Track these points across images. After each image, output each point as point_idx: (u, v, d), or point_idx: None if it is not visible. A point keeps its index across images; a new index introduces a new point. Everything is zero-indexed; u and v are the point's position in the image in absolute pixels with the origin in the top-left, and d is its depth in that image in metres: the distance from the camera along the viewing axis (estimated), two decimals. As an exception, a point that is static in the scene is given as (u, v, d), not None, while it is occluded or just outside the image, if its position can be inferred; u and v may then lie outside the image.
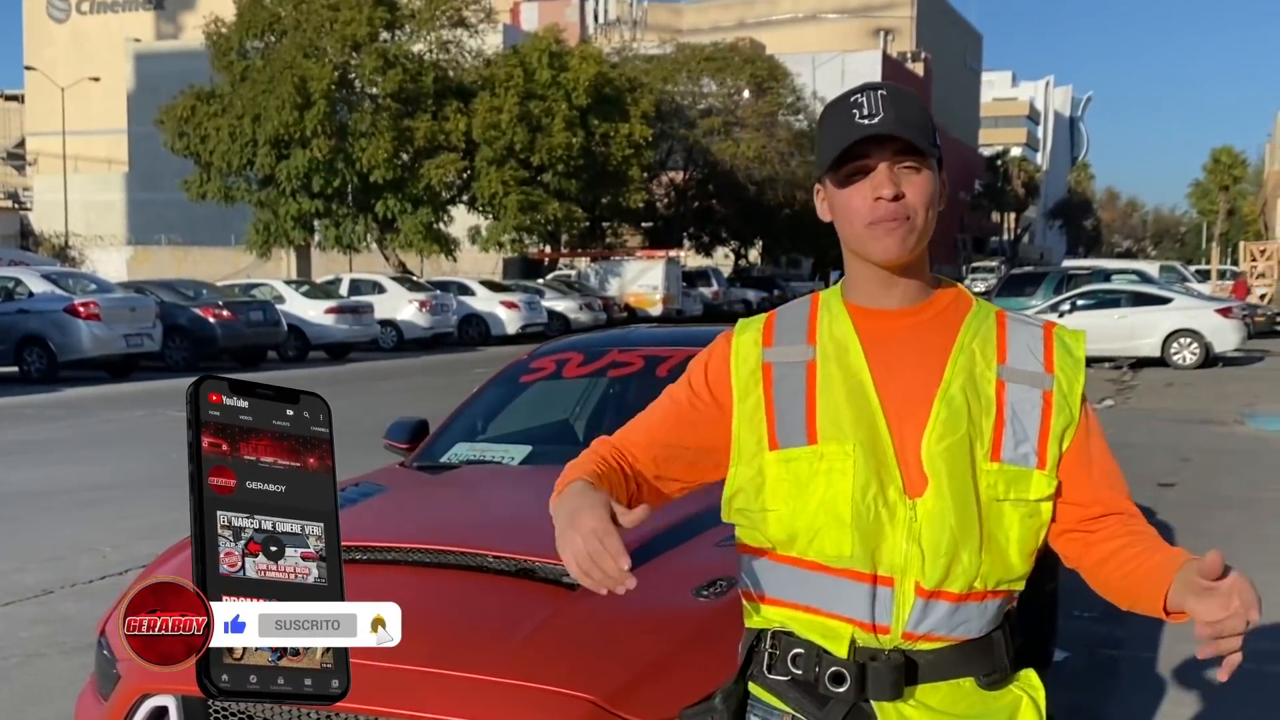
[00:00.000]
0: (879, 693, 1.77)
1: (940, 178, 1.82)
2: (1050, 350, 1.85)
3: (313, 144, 34.71)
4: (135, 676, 2.94)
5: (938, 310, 1.86)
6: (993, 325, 1.86)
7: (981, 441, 1.77)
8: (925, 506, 1.75)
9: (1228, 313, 22.99)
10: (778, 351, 1.88)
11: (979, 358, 1.81)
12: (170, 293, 22.47)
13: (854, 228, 1.80)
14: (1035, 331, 1.87)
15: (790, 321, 1.92)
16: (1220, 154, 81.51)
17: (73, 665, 5.64)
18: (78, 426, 14.31)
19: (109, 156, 69.03)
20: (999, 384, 1.80)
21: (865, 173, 1.78)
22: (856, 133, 1.76)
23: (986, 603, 1.79)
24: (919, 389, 1.79)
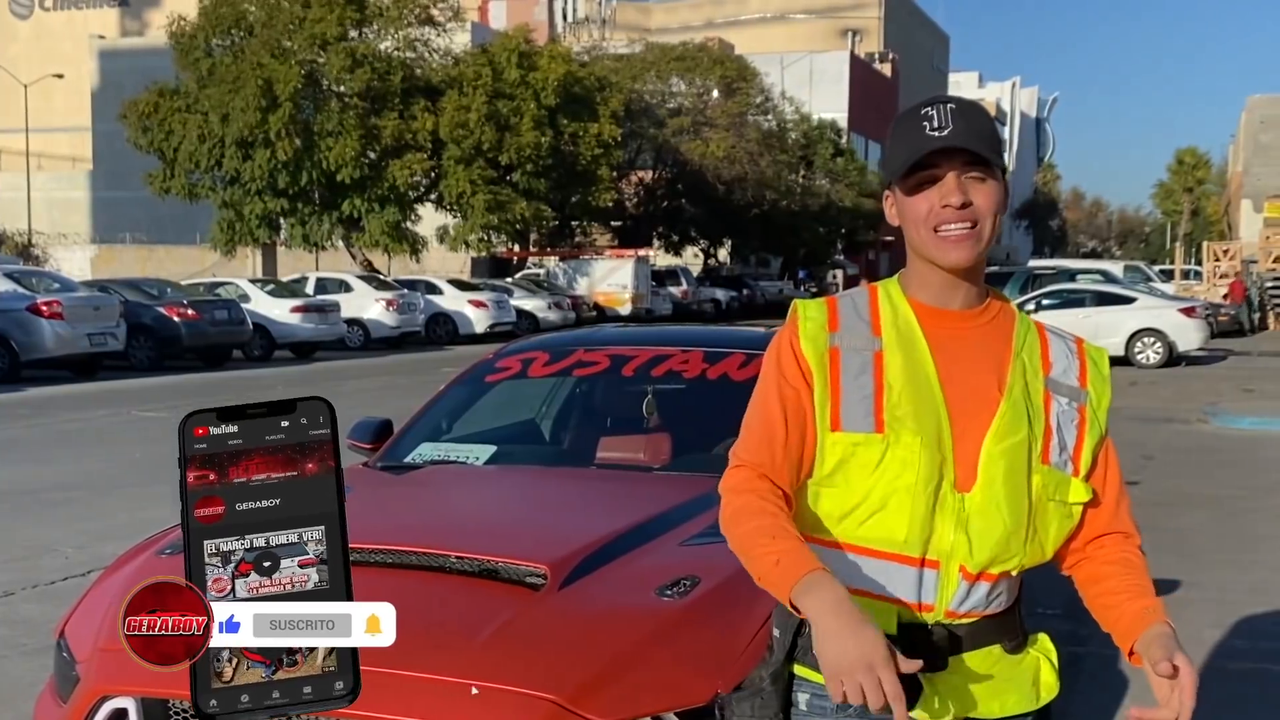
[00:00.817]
0: (929, 664, 1.87)
1: (1005, 185, 1.94)
2: (1084, 366, 1.99)
3: (277, 145, 34.46)
4: (94, 678, 2.92)
5: (992, 316, 1.99)
6: (1036, 337, 2.01)
7: (1035, 445, 1.92)
8: (974, 500, 1.89)
9: (1191, 312, 23.23)
10: (845, 337, 1.97)
11: (1029, 367, 1.95)
12: (135, 291, 22.28)
13: (921, 233, 1.90)
14: (1070, 346, 2.02)
15: (855, 308, 2.01)
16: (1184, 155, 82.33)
17: (33, 667, 5.58)
18: (40, 426, 14.17)
19: (73, 154, 68.37)
20: (1046, 394, 1.94)
21: (934, 181, 1.88)
22: (928, 145, 1.86)
23: (1011, 580, 1.97)
24: (982, 389, 1.92)
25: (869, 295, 2.03)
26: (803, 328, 1.99)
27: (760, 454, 1.98)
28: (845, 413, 1.91)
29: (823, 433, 1.93)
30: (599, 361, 4.73)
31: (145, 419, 14.90)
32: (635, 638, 2.83)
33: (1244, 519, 9.02)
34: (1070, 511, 1.95)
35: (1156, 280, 36.01)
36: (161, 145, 36.24)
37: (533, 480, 4.20)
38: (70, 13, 74.50)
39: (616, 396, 4.89)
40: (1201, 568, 7.41)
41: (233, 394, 18.08)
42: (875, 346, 1.94)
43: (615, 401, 4.97)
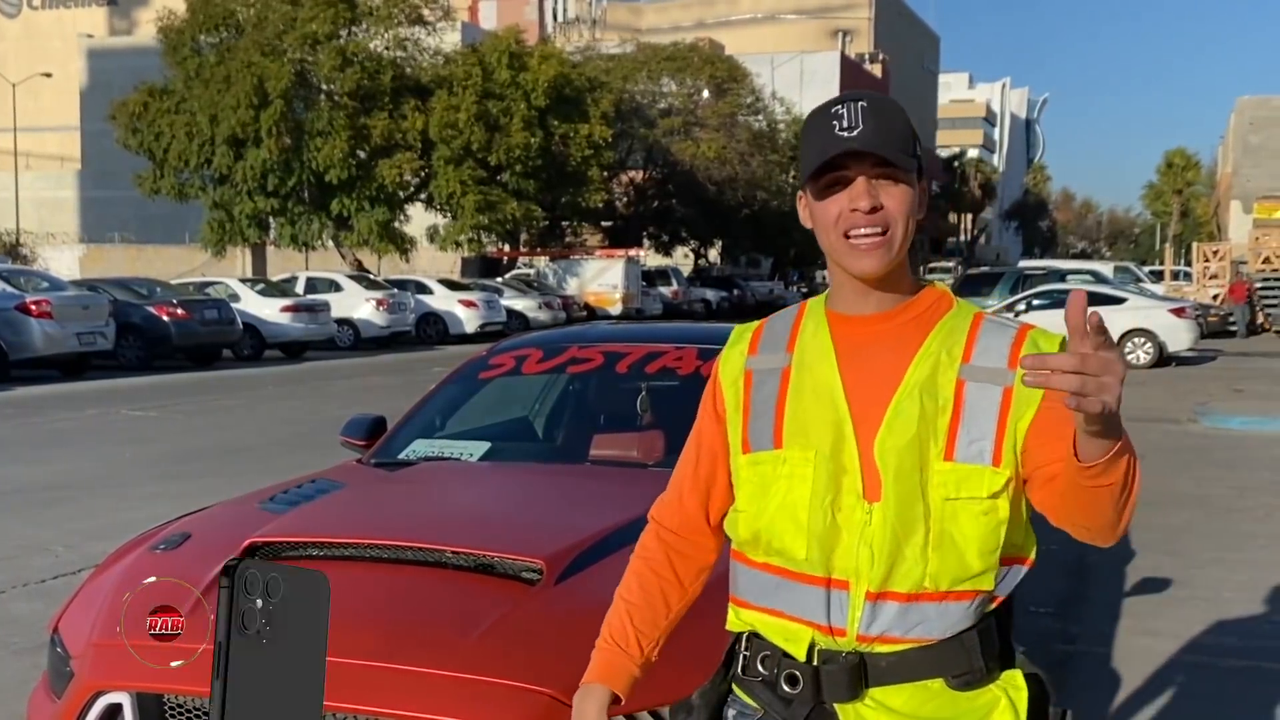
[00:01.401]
0: (835, 694, 1.81)
1: (920, 186, 1.85)
2: (1018, 349, 1.82)
3: (266, 143, 34.40)
4: (89, 673, 2.91)
5: (916, 313, 1.87)
6: (966, 326, 1.86)
7: (936, 441, 1.78)
8: (881, 510, 1.77)
9: (1181, 313, 23.28)
10: (760, 359, 1.94)
11: (944, 358, 1.81)
12: (124, 291, 22.21)
13: (831, 238, 1.83)
14: (1009, 332, 1.85)
15: (776, 330, 1.97)
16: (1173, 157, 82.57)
17: (24, 665, 5.56)
18: (29, 426, 14.13)
19: (61, 153, 68.23)
20: (959, 383, 1.79)
21: (845, 184, 1.80)
22: (835, 146, 1.78)
23: (946, 604, 1.79)
24: (883, 392, 1.81)
25: (795, 313, 1.99)
26: (724, 357, 2.00)
27: (667, 500, 2.08)
28: (752, 434, 1.89)
29: (735, 457, 1.92)
30: (592, 358, 4.73)
31: (135, 418, 14.86)
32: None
33: (1234, 518, 9.05)
34: (991, 507, 1.77)
35: (1146, 281, 36.11)
36: (151, 145, 36.16)
37: (527, 477, 4.20)
38: (59, 11, 74.34)
39: (610, 393, 4.89)
40: (1192, 566, 7.43)
41: (223, 393, 18.05)
42: (783, 364, 1.90)
43: (609, 398, 4.97)
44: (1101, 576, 7.20)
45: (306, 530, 3.35)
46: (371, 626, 2.83)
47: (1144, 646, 5.79)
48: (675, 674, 2.70)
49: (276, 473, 9.89)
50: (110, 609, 3.11)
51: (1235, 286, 33.95)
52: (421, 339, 30.68)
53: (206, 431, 13.66)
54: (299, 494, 3.84)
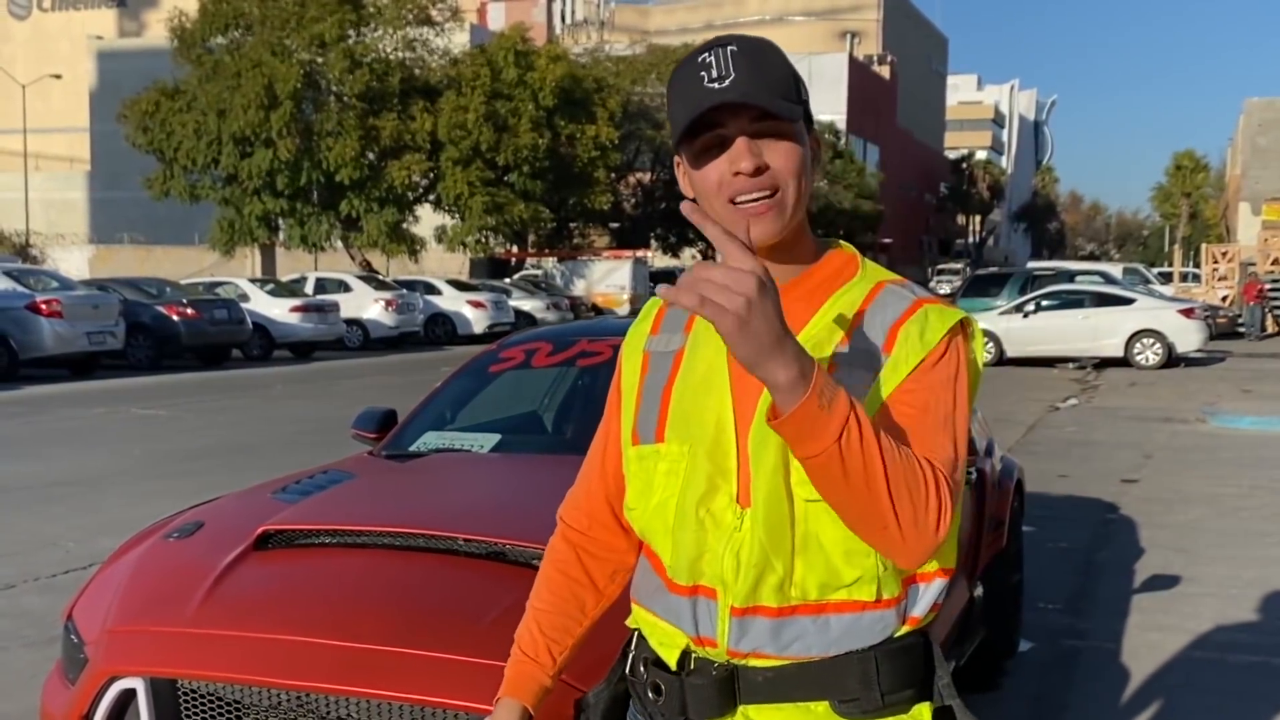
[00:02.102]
0: (700, 710, 1.63)
1: (811, 138, 1.63)
2: (898, 327, 1.58)
3: (278, 144, 34.50)
4: (103, 659, 2.93)
5: (815, 284, 1.65)
6: (860, 298, 1.63)
7: None
8: (751, 515, 1.57)
9: (1190, 314, 23.25)
10: (658, 340, 1.75)
11: (825, 339, 1.59)
12: (134, 290, 22.27)
13: (716, 207, 1.59)
14: (901, 307, 1.61)
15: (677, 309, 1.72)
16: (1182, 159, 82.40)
17: (36, 658, 5.59)
18: (37, 423, 14.17)
19: (70, 155, 68.43)
20: (830, 366, 1.56)
21: (723, 144, 1.57)
22: (705, 100, 1.54)
23: (826, 617, 1.57)
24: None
25: None
26: (628, 336, 1.81)
27: (574, 497, 1.91)
28: (640, 424, 1.70)
29: (625, 448, 1.74)
30: (602, 352, 4.74)
31: (144, 417, 14.90)
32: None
33: (1242, 516, 9.04)
34: None
35: (1155, 282, 36.05)
36: (161, 145, 36.27)
37: (537, 467, 4.21)
38: (68, 13, 74.54)
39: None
40: (1201, 563, 7.42)
41: (232, 393, 18.09)
42: (678, 346, 1.70)
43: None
44: (1111, 573, 7.20)
45: (319, 518, 3.37)
46: (385, 612, 2.85)
47: (1153, 642, 5.78)
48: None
49: (285, 470, 9.88)
50: (124, 596, 3.13)
51: (1248, 286, 33.59)
52: (430, 339, 30.72)
53: (215, 430, 13.69)
54: (311, 484, 3.86)
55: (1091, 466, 11.16)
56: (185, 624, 2.92)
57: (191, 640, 2.88)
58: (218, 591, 3.01)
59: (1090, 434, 13.43)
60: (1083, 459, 11.69)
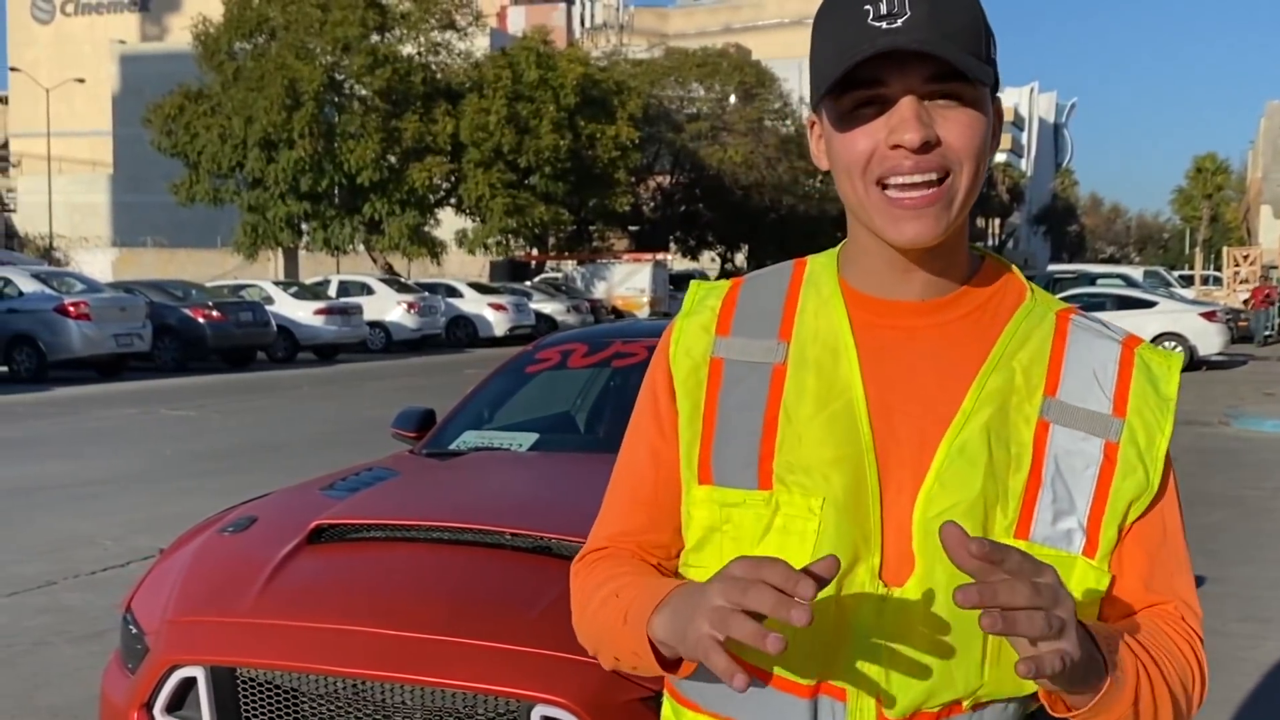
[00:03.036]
0: None
1: (995, 112, 1.23)
2: (1127, 380, 1.26)
3: (299, 144, 34.74)
4: (164, 648, 3.03)
5: (975, 305, 1.29)
6: (1049, 333, 1.28)
7: (1005, 508, 1.21)
8: (909, 598, 1.21)
9: (1212, 316, 23.26)
10: (735, 344, 1.33)
11: (1020, 382, 1.24)
12: (160, 293, 22.50)
13: (858, 188, 1.22)
14: (1110, 349, 1.28)
15: (760, 301, 1.36)
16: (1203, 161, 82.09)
17: (79, 653, 5.70)
18: (69, 424, 14.34)
19: (93, 158, 68.88)
20: (1040, 426, 1.23)
21: (882, 105, 1.18)
22: (868, 43, 1.14)
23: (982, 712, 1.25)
24: (931, 424, 1.24)
25: (789, 276, 1.37)
26: (677, 331, 1.37)
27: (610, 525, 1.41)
28: (718, 459, 1.29)
29: (689, 486, 1.31)
30: (636, 353, 4.83)
31: (173, 418, 15.06)
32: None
33: (1267, 518, 9.08)
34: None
35: (1176, 285, 35.99)
36: (185, 148, 36.54)
37: (577, 465, 4.30)
38: (91, 18, 75.03)
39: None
40: (1227, 565, 7.47)
41: (258, 394, 18.25)
42: (775, 358, 1.29)
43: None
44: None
45: (369, 513, 3.47)
46: (436, 602, 2.95)
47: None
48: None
49: (314, 469, 10.03)
50: (183, 588, 3.23)
51: (1255, 291, 33.20)
52: (451, 342, 30.89)
53: (243, 430, 13.83)
54: (358, 480, 3.95)
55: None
56: (243, 614, 3.02)
57: (250, 630, 2.98)
58: (274, 583, 3.11)
59: (1113, 436, 13.44)
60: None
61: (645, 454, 1.37)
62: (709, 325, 1.34)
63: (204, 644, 3.01)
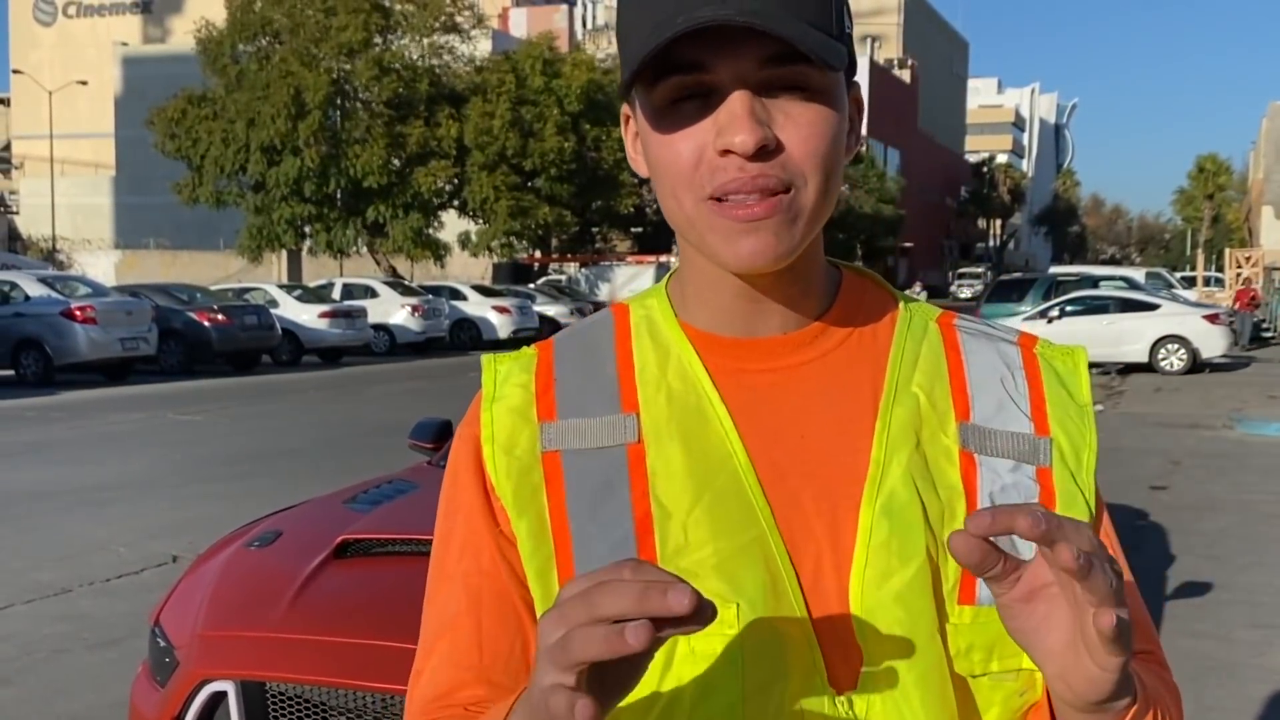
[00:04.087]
0: None
1: (852, 99, 0.99)
2: (1039, 388, 1.03)
3: (305, 153, 34.84)
4: (195, 662, 3.08)
5: (848, 329, 1.04)
6: (938, 345, 1.04)
7: (946, 569, 0.95)
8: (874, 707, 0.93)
9: (1215, 319, 23.28)
10: (569, 429, 1.00)
11: (926, 409, 1.00)
12: (165, 296, 22.56)
13: (684, 203, 0.96)
14: (1009, 353, 1.05)
15: (584, 366, 1.04)
16: (1205, 162, 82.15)
17: (97, 660, 5.76)
18: (79, 428, 14.40)
19: (96, 160, 68.97)
20: (965, 459, 0.98)
21: (706, 97, 0.91)
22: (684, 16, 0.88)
23: None
24: (839, 484, 0.97)
25: (613, 328, 1.07)
26: (486, 424, 1.02)
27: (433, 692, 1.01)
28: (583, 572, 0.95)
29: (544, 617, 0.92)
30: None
31: (181, 422, 15.11)
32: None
33: (1273, 523, 9.12)
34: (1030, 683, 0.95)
35: (1178, 287, 36.00)
36: (188, 152, 36.62)
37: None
38: (93, 20, 75.13)
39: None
40: (1232, 570, 7.52)
41: (265, 398, 18.31)
42: (627, 436, 0.98)
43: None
44: (1143, 580, 7.26)
45: (393, 527, 3.53)
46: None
47: (1187, 648, 5.89)
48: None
49: (325, 474, 10.11)
50: (212, 602, 3.29)
51: (1239, 294, 32.41)
52: (455, 344, 30.94)
53: (252, 435, 13.89)
54: (379, 494, 4.01)
55: (1119, 473, 11.24)
56: (273, 629, 3.07)
57: (280, 645, 3.03)
58: (302, 598, 3.17)
59: (1117, 440, 13.49)
60: (1110, 465, 11.76)
61: (463, 597, 1.02)
62: (526, 410, 1.01)
63: (234, 658, 3.06)
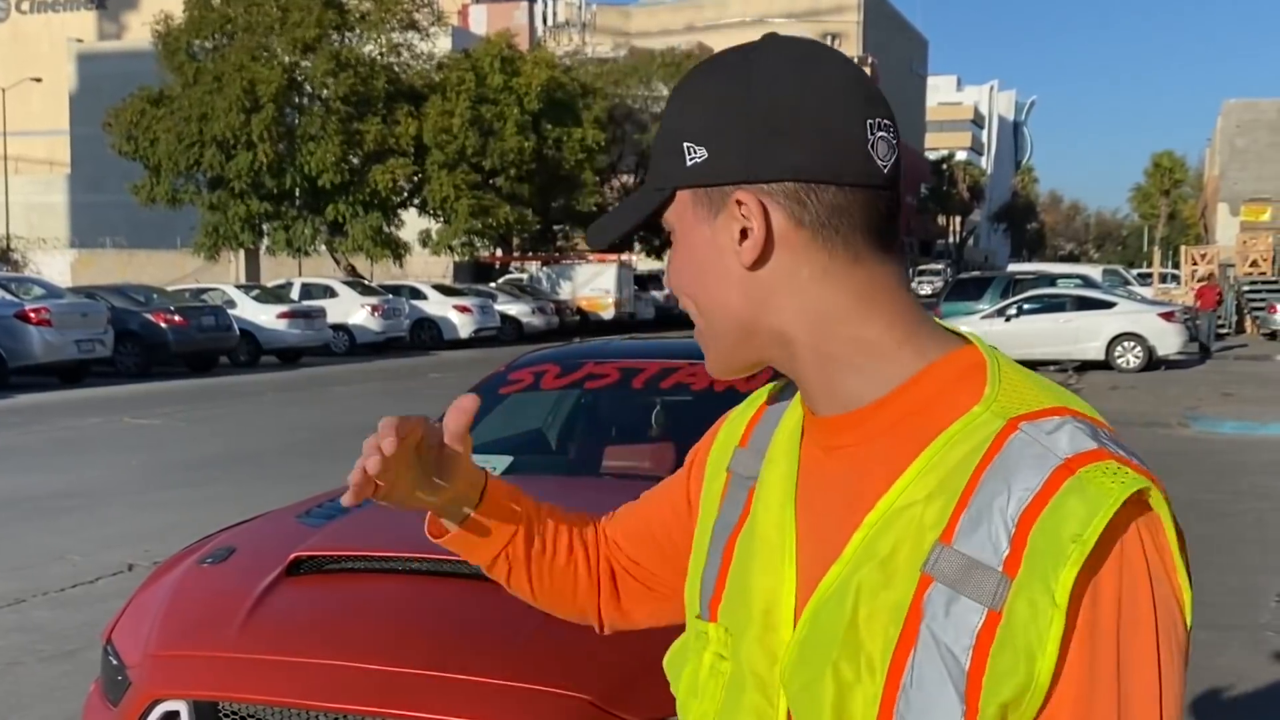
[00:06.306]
0: None
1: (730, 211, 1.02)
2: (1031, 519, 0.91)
3: (259, 148, 34.54)
4: (147, 683, 3.06)
5: (905, 411, 1.02)
6: (978, 451, 0.96)
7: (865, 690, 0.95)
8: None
9: (1170, 317, 23.54)
10: (743, 457, 1.19)
11: (923, 521, 0.96)
12: (121, 298, 22.34)
13: None
14: (1032, 480, 0.92)
15: (777, 407, 1.21)
16: (1161, 159, 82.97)
17: (52, 673, 5.70)
18: (34, 433, 14.23)
19: (50, 158, 68.18)
20: (921, 584, 0.94)
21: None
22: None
23: None
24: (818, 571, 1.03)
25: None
26: (725, 426, 1.27)
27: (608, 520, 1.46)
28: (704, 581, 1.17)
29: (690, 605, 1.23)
30: (608, 374, 4.89)
31: (138, 426, 14.97)
32: (667, 640, 2.98)
33: (1225, 523, 9.23)
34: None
35: (1135, 284, 36.40)
36: (146, 153, 36.24)
37: (554, 488, 4.34)
38: (47, 15, 74.26)
39: (625, 408, 5.05)
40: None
41: (223, 400, 18.17)
42: (754, 476, 1.15)
43: (620, 412, 5.13)
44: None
45: (347, 543, 3.51)
46: (417, 636, 2.99)
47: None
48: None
49: (284, 480, 10.06)
50: (164, 620, 3.26)
51: (1203, 291, 30.75)
52: (416, 344, 30.82)
53: (210, 439, 13.78)
54: (334, 507, 3.99)
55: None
56: (226, 648, 3.05)
57: (233, 664, 3.01)
58: (255, 616, 3.14)
59: (1074, 439, 13.60)
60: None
61: (667, 504, 1.36)
62: (738, 434, 1.23)
63: (187, 678, 3.04)
